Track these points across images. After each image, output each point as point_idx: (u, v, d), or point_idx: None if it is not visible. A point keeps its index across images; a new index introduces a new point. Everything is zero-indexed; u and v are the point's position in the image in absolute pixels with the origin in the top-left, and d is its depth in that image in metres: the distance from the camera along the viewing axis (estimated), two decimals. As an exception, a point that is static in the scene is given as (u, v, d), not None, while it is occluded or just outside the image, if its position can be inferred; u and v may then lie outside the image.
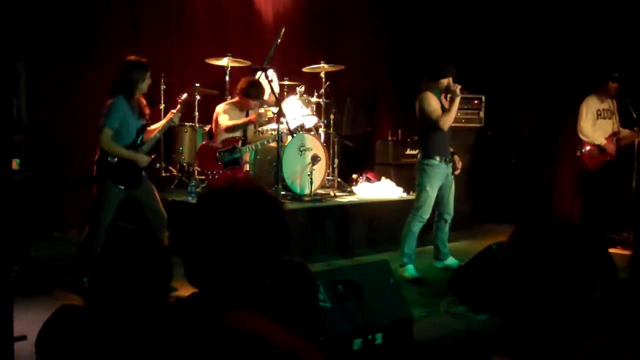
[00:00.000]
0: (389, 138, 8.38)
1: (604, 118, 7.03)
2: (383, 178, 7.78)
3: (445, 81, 5.59)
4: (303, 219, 6.38)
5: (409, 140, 8.45)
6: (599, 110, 7.02)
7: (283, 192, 6.55)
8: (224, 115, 6.49)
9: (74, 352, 1.85)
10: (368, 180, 7.79)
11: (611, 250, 5.61)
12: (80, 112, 6.70)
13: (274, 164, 6.48)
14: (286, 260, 2.03)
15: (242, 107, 6.55)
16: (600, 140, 6.94)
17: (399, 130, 8.52)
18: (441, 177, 5.70)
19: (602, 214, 7.15)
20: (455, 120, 8.43)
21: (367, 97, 9.30)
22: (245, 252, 1.46)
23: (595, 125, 7.00)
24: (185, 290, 1.59)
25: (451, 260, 5.95)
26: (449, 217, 5.94)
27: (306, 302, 2.05)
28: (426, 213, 5.69)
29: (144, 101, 5.00)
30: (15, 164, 5.07)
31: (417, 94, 5.74)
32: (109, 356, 1.80)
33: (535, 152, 8.57)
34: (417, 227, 5.69)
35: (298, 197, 6.82)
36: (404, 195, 7.61)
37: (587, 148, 7.01)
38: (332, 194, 7.22)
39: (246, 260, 1.46)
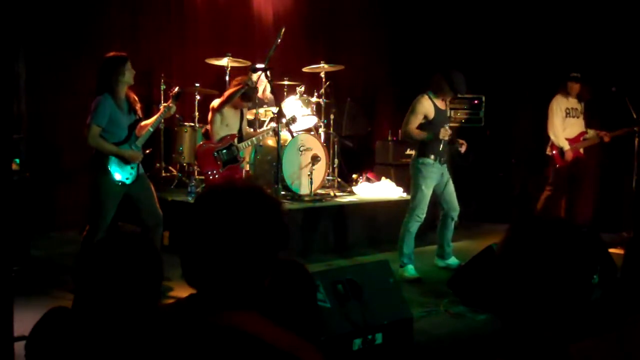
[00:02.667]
0: (389, 138, 8.38)
1: (572, 117, 7.13)
2: (383, 178, 7.78)
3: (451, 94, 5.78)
4: (303, 219, 6.38)
5: (409, 140, 8.44)
6: (567, 108, 7.12)
7: (283, 192, 6.55)
8: (217, 116, 6.46)
9: (64, 355, 1.85)
10: (368, 180, 7.79)
11: (611, 250, 5.61)
12: (80, 112, 6.67)
13: (274, 164, 6.48)
14: (283, 260, 2.03)
15: (235, 106, 6.52)
16: (565, 144, 7.03)
17: (399, 130, 8.50)
18: (436, 176, 5.72)
19: (582, 211, 7.20)
20: (455, 120, 8.51)
21: (367, 97, 9.30)
22: (244, 252, 1.45)
23: (565, 124, 7.08)
24: (183, 291, 1.59)
25: (453, 260, 5.95)
26: (455, 214, 5.95)
27: (305, 301, 2.05)
28: (422, 212, 5.70)
29: (133, 96, 4.96)
30: (15, 164, 5.07)
31: (417, 94, 5.78)
32: (99, 358, 1.80)
33: (535, 152, 8.56)
34: (414, 226, 5.70)
35: (298, 197, 6.82)
36: (404, 195, 7.61)
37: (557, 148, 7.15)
38: (332, 194, 7.22)
39: (244, 261, 1.46)
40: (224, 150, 6.41)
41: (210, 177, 6.38)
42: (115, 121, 4.82)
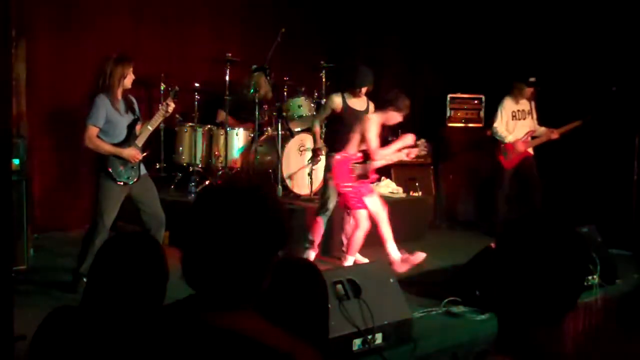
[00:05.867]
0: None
1: (519, 119, 7.42)
2: (383, 178, 7.78)
3: (358, 90, 5.86)
4: (303, 219, 6.38)
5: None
6: (514, 111, 7.40)
7: (283, 192, 6.55)
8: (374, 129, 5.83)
9: (69, 353, 1.85)
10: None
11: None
12: (80, 112, 6.69)
13: (274, 164, 6.49)
14: (295, 260, 2.02)
15: (387, 120, 5.94)
16: (511, 138, 7.33)
17: (399, 130, 8.50)
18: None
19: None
20: (455, 120, 8.52)
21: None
22: (242, 251, 1.45)
23: (510, 127, 7.37)
24: (183, 291, 1.59)
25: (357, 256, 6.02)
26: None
27: (315, 302, 2.04)
28: (328, 202, 5.88)
29: (129, 96, 4.96)
30: (14, 164, 5.06)
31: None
32: (103, 357, 1.80)
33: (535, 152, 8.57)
34: (321, 216, 5.91)
35: (298, 197, 6.82)
36: (404, 195, 7.62)
37: (502, 147, 7.41)
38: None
39: (243, 260, 1.46)
40: (359, 164, 5.80)
41: (344, 190, 5.74)
42: (112, 121, 4.82)
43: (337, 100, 5.88)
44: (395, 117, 5.76)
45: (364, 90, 5.85)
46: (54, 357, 1.88)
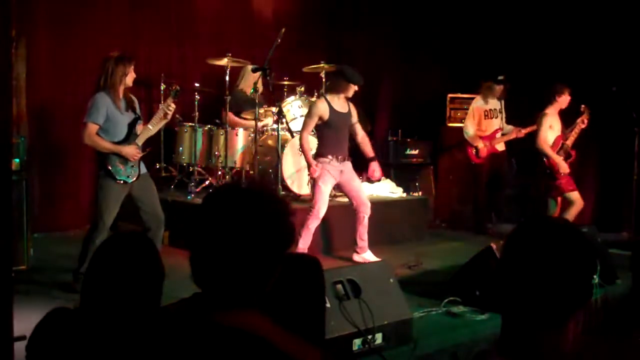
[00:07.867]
0: (389, 138, 8.39)
1: (490, 118, 7.64)
2: (383, 178, 7.78)
3: (350, 87, 5.74)
4: (303, 219, 6.36)
5: (409, 140, 8.46)
6: (485, 111, 7.62)
7: (283, 192, 6.55)
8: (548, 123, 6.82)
9: (66, 354, 1.85)
10: (368, 180, 7.78)
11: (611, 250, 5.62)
12: (81, 112, 6.68)
13: (274, 164, 6.48)
14: (298, 255, 2.03)
15: (561, 106, 6.92)
16: (478, 143, 7.56)
17: (399, 130, 8.52)
18: (333, 174, 5.80)
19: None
20: (456, 120, 8.52)
21: (367, 97, 9.29)
22: (250, 251, 1.46)
23: (483, 126, 7.59)
24: (185, 291, 1.59)
25: (369, 255, 6.02)
26: (364, 209, 5.99)
27: (312, 294, 2.05)
28: (321, 210, 5.78)
29: (130, 95, 4.96)
30: (14, 163, 5.06)
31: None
32: (101, 358, 1.81)
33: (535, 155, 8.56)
34: (313, 223, 5.80)
35: (298, 197, 6.82)
36: (404, 195, 7.62)
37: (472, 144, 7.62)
38: (332, 193, 7.21)
39: (251, 260, 1.47)
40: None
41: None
42: (113, 119, 4.82)
43: (322, 107, 5.71)
44: (565, 101, 6.75)
45: (355, 88, 5.75)
46: (52, 357, 1.88)
